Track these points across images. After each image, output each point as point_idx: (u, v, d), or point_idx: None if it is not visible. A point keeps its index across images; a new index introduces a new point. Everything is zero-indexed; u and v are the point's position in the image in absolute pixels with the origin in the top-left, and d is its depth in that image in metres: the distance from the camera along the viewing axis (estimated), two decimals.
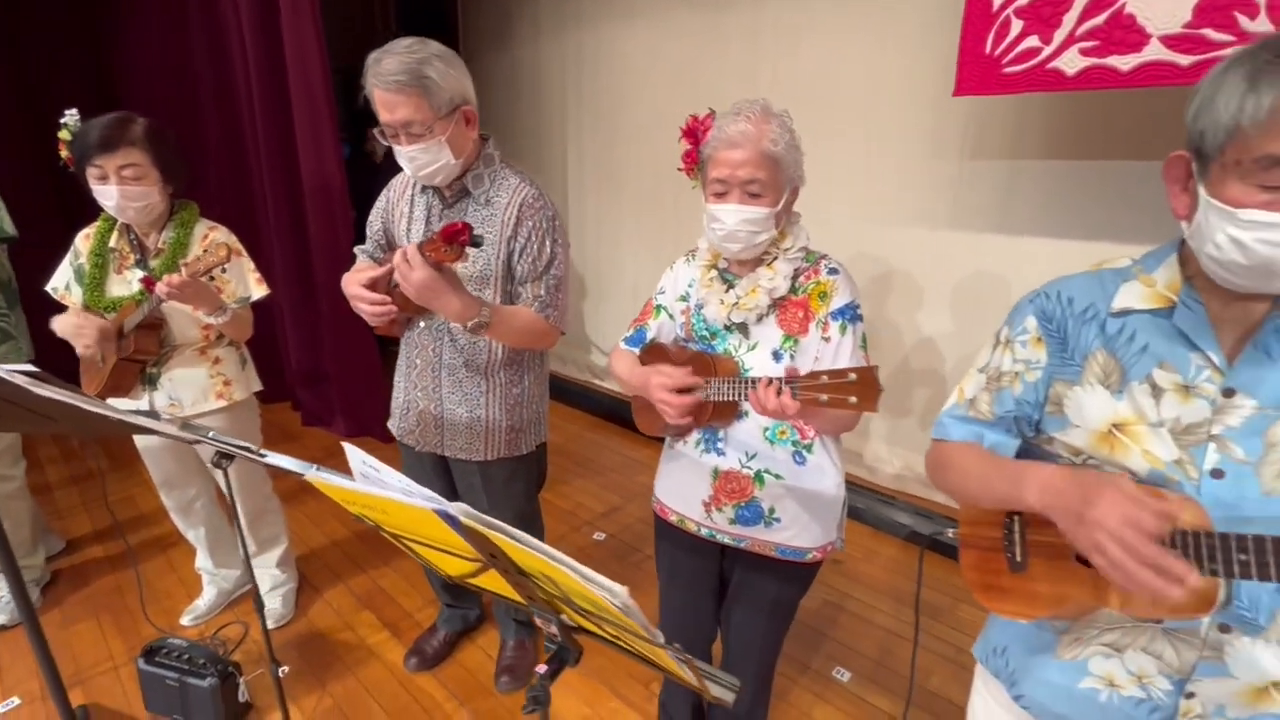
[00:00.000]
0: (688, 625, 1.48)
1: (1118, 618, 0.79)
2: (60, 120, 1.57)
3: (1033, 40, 1.76)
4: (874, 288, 2.70)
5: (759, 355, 1.20)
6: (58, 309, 1.71)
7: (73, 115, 1.58)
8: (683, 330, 1.31)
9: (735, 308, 1.20)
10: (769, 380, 0.99)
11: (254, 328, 1.82)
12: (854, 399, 0.90)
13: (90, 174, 1.56)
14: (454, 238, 1.17)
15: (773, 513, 1.24)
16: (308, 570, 2.39)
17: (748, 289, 1.19)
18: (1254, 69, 0.62)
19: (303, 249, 3.24)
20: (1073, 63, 1.70)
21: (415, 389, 1.63)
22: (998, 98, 2.17)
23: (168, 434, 1.12)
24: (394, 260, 1.24)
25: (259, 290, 1.80)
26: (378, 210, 1.60)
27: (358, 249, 1.65)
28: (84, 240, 1.73)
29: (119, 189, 1.56)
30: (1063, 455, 0.83)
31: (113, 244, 1.71)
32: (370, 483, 0.77)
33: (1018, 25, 1.77)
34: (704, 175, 1.16)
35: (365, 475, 0.79)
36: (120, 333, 1.65)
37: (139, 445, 1.88)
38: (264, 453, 1.11)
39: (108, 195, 1.57)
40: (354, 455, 0.80)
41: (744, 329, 1.22)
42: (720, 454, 1.25)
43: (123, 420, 1.08)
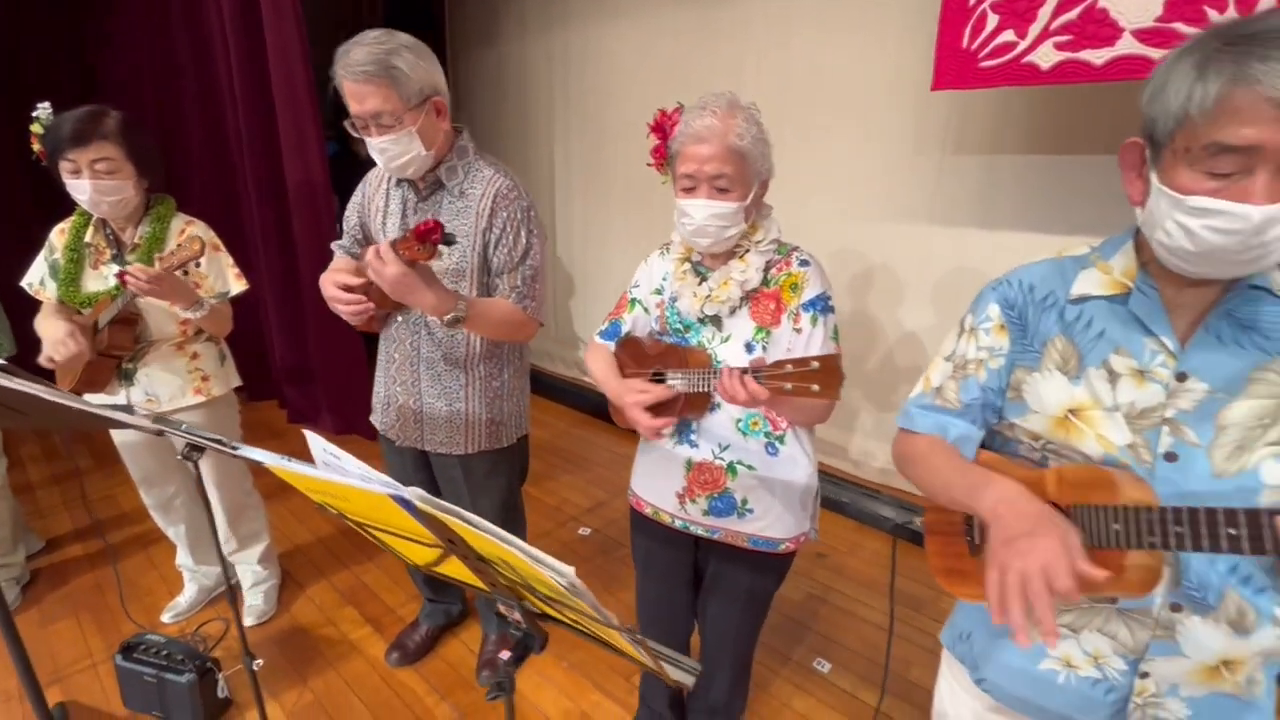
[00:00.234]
0: (663, 617, 1.49)
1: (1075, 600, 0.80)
2: (32, 114, 1.56)
3: (1008, 35, 1.77)
4: (858, 283, 2.71)
5: (732, 347, 1.20)
6: (39, 304, 1.71)
7: (45, 108, 1.57)
8: (657, 323, 1.31)
9: (708, 300, 1.20)
10: (732, 370, 1.00)
11: (240, 325, 1.81)
12: (816, 387, 0.91)
13: (63, 168, 1.55)
14: (426, 236, 1.17)
15: (745, 504, 1.25)
16: (291, 566, 2.38)
17: (720, 282, 1.20)
18: (1203, 57, 0.63)
19: (287, 246, 3.23)
20: (1047, 57, 1.72)
21: (395, 384, 1.63)
22: (978, 93, 2.18)
23: (136, 426, 1.12)
24: (367, 257, 1.24)
25: (238, 285, 1.79)
26: (354, 205, 1.60)
27: (334, 245, 1.65)
28: (59, 235, 1.72)
29: (92, 183, 1.55)
30: (1023, 441, 0.84)
31: (88, 239, 1.70)
32: (331, 470, 0.77)
33: (994, 19, 1.78)
34: (673, 170, 1.17)
35: (327, 463, 0.79)
36: (95, 328, 1.64)
37: (117, 442, 1.87)
38: (235, 445, 1.10)
39: (81, 190, 1.56)
40: (315, 443, 0.80)
41: (717, 321, 1.22)
42: (693, 445, 1.26)
43: (91, 414, 1.08)
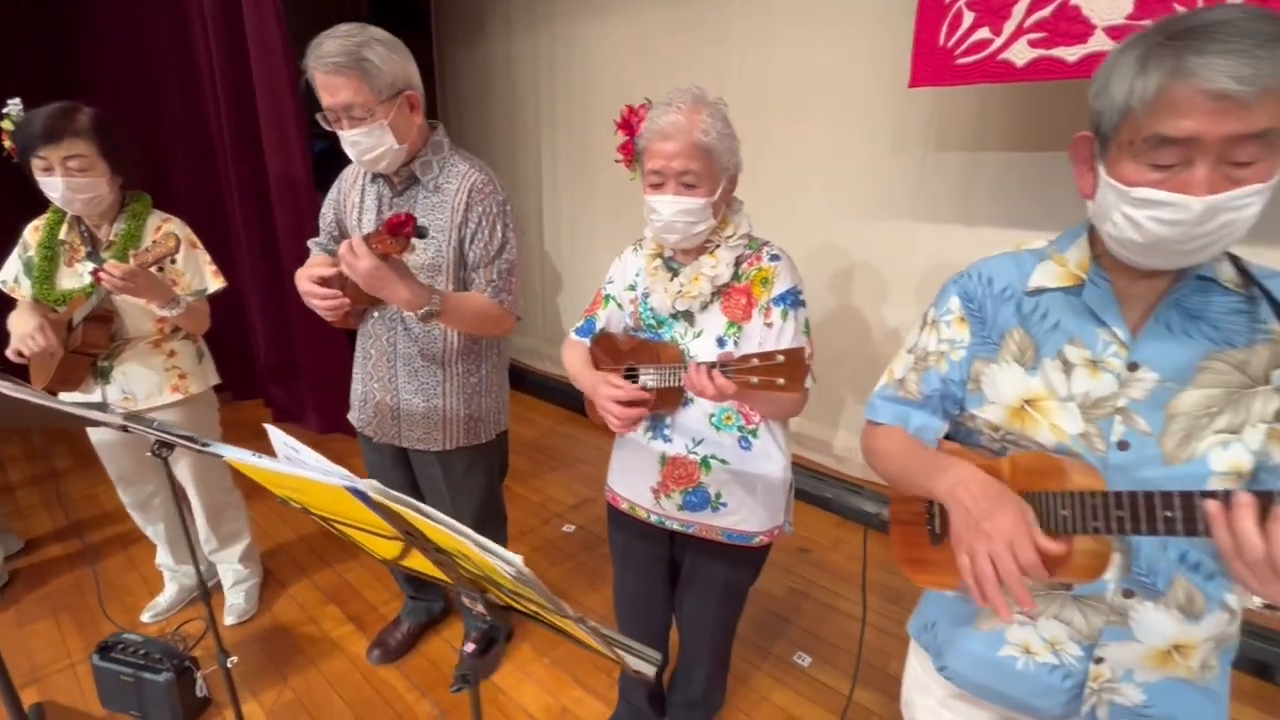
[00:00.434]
0: (642, 612, 1.49)
1: (1031, 585, 0.81)
2: (2, 110, 1.55)
3: (984, 32, 1.78)
4: (841, 279, 2.73)
5: (704, 342, 1.21)
6: (11, 301, 1.69)
7: (15, 105, 1.55)
8: (631, 319, 1.32)
9: (679, 296, 1.21)
10: (700, 364, 1.01)
11: (225, 324, 1.80)
12: (782, 380, 0.92)
13: (35, 165, 1.54)
14: (398, 229, 1.17)
15: (719, 498, 1.26)
16: (274, 565, 2.37)
17: (691, 277, 1.20)
18: (1145, 51, 0.64)
19: (270, 245, 3.22)
20: (1022, 54, 1.73)
21: (372, 380, 1.63)
22: (960, 91, 2.20)
23: (102, 422, 1.11)
24: (340, 251, 1.24)
25: (215, 283, 1.78)
26: (329, 201, 1.60)
27: (311, 242, 1.64)
28: (33, 232, 1.70)
29: (64, 180, 1.54)
30: (984, 432, 0.85)
31: (63, 236, 1.69)
32: (292, 464, 0.77)
33: (969, 17, 1.80)
34: (641, 166, 1.17)
35: (288, 458, 0.79)
36: (69, 325, 1.63)
37: (94, 441, 1.86)
38: (205, 442, 1.10)
39: (53, 187, 1.55)
40: (276, 437, 0.80)
41: (689, 317, 1.23)
42: (667, 440, 1.26)
43: (57, 410, 1.07)
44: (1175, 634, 0.75)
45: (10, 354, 1.56)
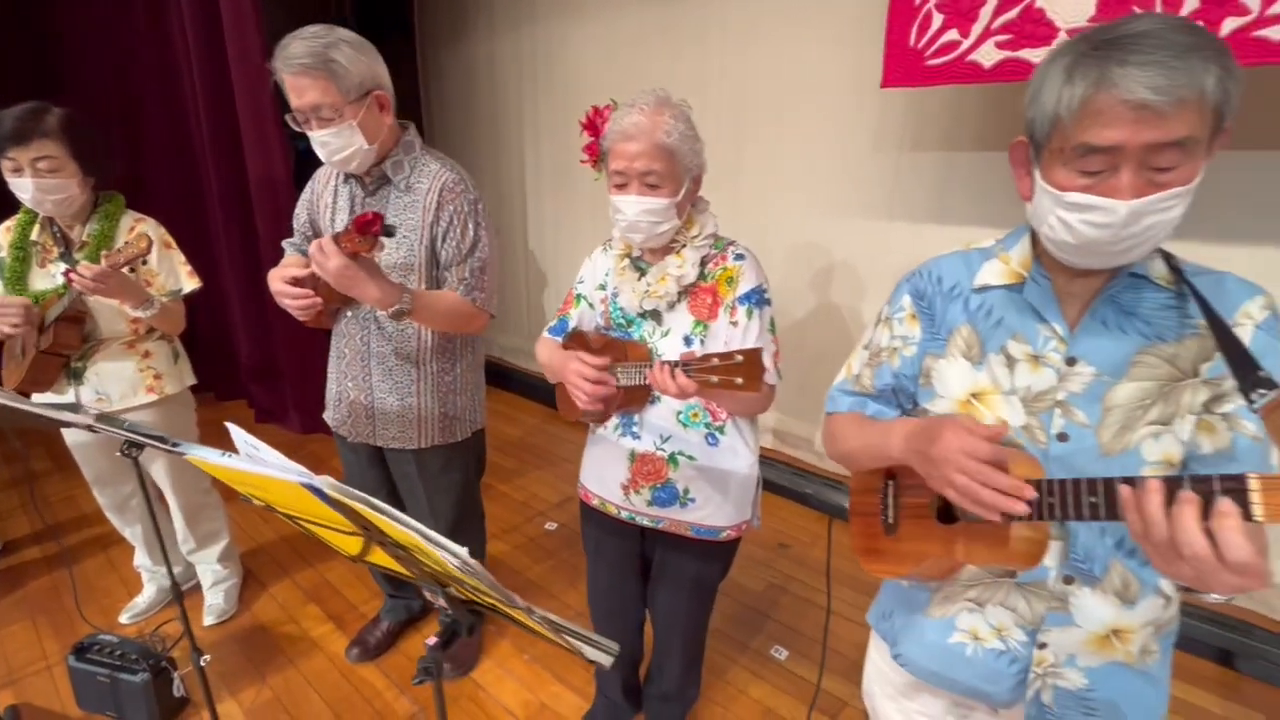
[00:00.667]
0: (614, 607, 1.51)
1: (979, 573, 0.84)
2: None
3: (953, 34, 1.81)
4: (820, 277, 2.76)
5: (671, 341, 1.23)
6: None
7: None
8: (602, 318, 1.33)
9: (647, 295, 1.23)
10: (663, 363, 1.02)
11: (207, 325, 1.80)
12: (740, 380, 0.94)
13: (4, 166, 1.53)
14: (366, 228, 1.18)
15: (687, 493, 1.28)
16: (254, 565, 2.37)
17: (657, 277, 1.22)
18: (1072, 61, 0.66)
19: (250, 245, 3.20)
20: (989, 55, 1.76)
21: (346, 379, 1.64)
22: (934, 92, 2.23)
23: (70, 422, 1.11)
24: (310, 251, 1.24)
25: (190, 283, 1.78)
26: (303, 202, 1.60)
27: (285, 242, 1.65)
28: (4, 233, 1.70)
29: (34, 181, 1.53)
30: None
31: (35, 237, 1.68)
32: (252, 461, 0.78)
33: (939, 19, 1.82)
34: (606, 167, 1.19)
35: (249, 455, 0.80)
36: (41, 326, 1.62)
37: (69, 443, 1.85)
38: (175, 442, 1.11)
39: (23, 188, 1.55)
40: (238, 435, 0.81)
41: (657, 316, 1.25)
42: (636, 437, 1.28)
43: (23, 410, 1.07)
44: (1113, 619, 0.78)
45: (6, 329, 1.57)
